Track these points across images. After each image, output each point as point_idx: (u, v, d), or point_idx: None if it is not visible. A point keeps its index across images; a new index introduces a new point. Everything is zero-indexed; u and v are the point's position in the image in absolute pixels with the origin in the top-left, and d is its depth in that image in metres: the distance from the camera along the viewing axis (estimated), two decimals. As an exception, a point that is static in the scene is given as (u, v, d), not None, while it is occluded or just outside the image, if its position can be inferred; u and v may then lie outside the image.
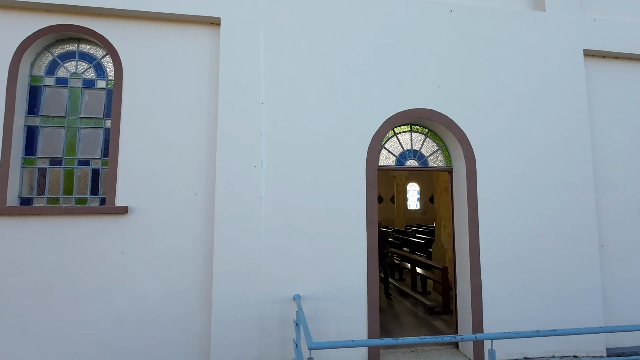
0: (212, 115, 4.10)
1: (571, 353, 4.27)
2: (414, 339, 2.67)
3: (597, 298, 4.38)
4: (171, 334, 3.78)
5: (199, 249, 3.93)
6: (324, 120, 4.15)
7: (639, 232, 4.77)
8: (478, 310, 4.16)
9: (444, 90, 4.43)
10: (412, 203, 17.48)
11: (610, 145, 4.84)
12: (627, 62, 5.08)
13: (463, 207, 4.41)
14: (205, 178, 4.03)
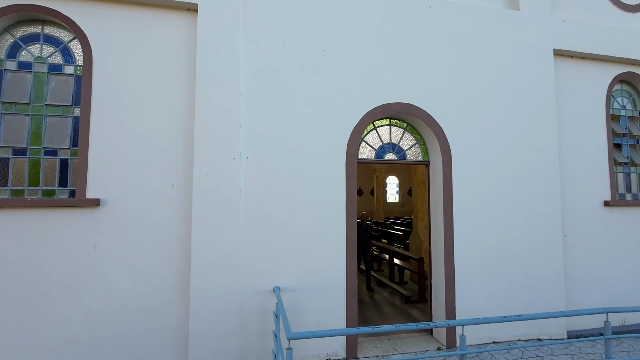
0: (190, 105, 3.99)
1: (535, 336, 4.56)
2: (390, 327, 2.76)
3: (559, 285, 4.68)
4: (148, 329, 3.71)
5: (176, 242, 3.85)
6: (304, 113, 4.14)
7: (599, 224, 5.12)
8: (451, 298, 4.34)
9: (422, 85, 4.51)
10: (392, 196, 17.80)
11: (575, 142, 5.13)
12: (592, 62, 5.36)
13: (439, 200, 4.55)
14: (183, 170, 3.94)
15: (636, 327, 5.04)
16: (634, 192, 5.60)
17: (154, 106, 3.92)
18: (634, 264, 5.22)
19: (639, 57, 5.38)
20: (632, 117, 5.73)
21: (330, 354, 3.97)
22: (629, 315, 5.04)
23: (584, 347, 4.45)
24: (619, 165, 5.56)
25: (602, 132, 5.28)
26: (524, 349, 4.27)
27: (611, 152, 5.28)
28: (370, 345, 4.31)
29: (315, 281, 4.00)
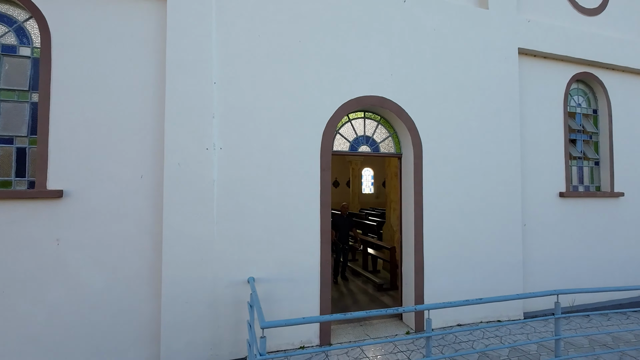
0: (160, 94, 3.85)
1: (495, 318, 4.89)
2: (361, 313, 2.87)
3: (518, 270, 5.03)
4: (116, 323, 3.62)
5: (146, 235, 3.76)
6: (279, 104, 4.11)
7: (554, 213, 5.52)
8: (420, 285, 4.55)
9: (395, 79, 4.61)
10: (367, 187, 18.12)
11: (535, 137, 5.46)
12: (552, 61, 5.68)
13: (410, 192, 4.72)
14: (153, 160, 3.82)
15: (584, 307, 5.53)
16: (586, 184, 6.08)
17: (121, 94, 3.75)
18: (583, 250, 5.69)
19: (594, 58, 5.77)
20: (586, 115, 6.17)
21: (304, 342, 4.06)
22: (577, 296, 5.52)
23: (537, 326, 4.84)
24: (573, 159, 5.99)
25: (560, 128, 5.65)
26: (485, 330, 4.58)
27: (567, 147, 5.68)
28: (343, 331, 4.45)
29: (290, 271, 4.05)
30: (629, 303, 5.81)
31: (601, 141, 6.13)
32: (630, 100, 6.25)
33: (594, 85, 6.10)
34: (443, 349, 4.06)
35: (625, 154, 6.13)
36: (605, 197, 5.89)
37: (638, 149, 6.26)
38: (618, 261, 5.96)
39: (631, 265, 6.07)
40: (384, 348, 4.03)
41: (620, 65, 5.98)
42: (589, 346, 4.26)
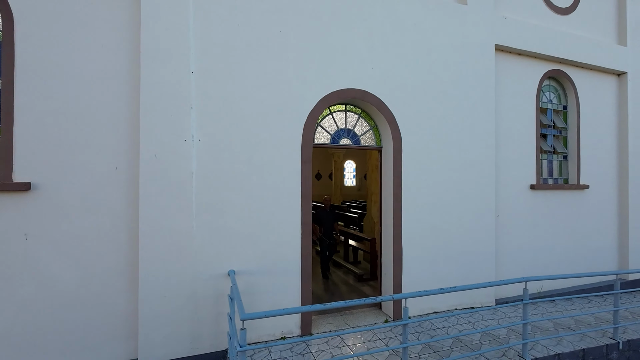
0: (134, 82, 3.71)
1: (469, 305, 5.12)
2: (340, 303, 2.93)
3: (491, 260, 5.26)
4: (92, 319, 3.53)
5: (122, 229, 3.66)
6: (259, 95, 4.06)
7: (525, 205, 5.78)
8: (398, 274, 4.68)
9: (376, 72, 4.64)
10: (349, 180, 18.27)
11: (509, 131, 5.67)
12: (527, 58, 5.88)
13: (389, 184, 4.80)
14: (128, 152, 3.70)
15: (550, 293, 5.87)
16: (555, 177, 6.39)
17: (93, 82, 3.59)
18: (551, 239, 6.01)
19: (565, 56, 6.02)
20: (557, 111, 6.45)
21: (285, 332, 4.11)
22: (545, 282, 5.85)
23: (508, 311, 5.10)
24: (544, 153, 6.27)
25: (532, 123, 5.89)
26: (459, 316, 4.79)
27: (538, 141, 5.93)
28: (324, 321, 4.53)
29: (271, 264, 4.06)
30: (591, 288, 6.22)
31: (570, 136, 6.44)
32: (596, 97, 6.58)
33: (564, 82, 6.37)
34: (419, 335, 4.21)
35: (591, 148, 6.47)
36: (572, 189, 6.22)
37: (602, 143, 6.63)
38: (583, 249, 6.34)
39: (595, 253, 6.47)
40: (363, 336, 4.14)
41: (588, 63, 6.26)
42: (553, 329, 4.54)
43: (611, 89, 6.76)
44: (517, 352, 3.79)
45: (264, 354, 3.72)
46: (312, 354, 3.73)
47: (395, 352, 3.77)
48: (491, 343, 4.03)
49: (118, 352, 3.62)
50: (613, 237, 6.70)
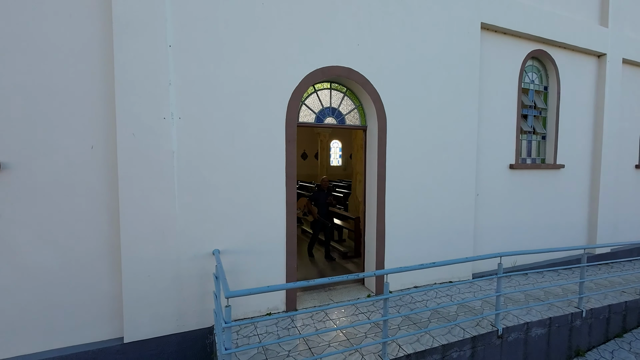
0: (108, 56, 3.51)
1: (448, 279, 5.36)
2: (324, 280, 3.01)
3: (469, 237, 5.47)
4: (74, 301, 3.50)
5: (101, 210, 3.57)
6: (241, 72, 3.93)
7: (503, 184, 5.97)
8: (381, 252, 4.82)
9: (361, 50, 4.55)
10: (335, 159, 18.29)
11: (491, 111, 5.75)
12: (511, 38, 5.88)
13: (374, 163, 4.84)
14: (104, 130, 3.55)
15: (524, 267, 6.20)
16: (533, 157, 6.59)
17: (62, 55, 3.37)
18: (527, 217, 6.28)
19: (549, 36, 6.05)
20: (538, 91, 6.56)
21: (271, 309, 4.21)
22: (519, 257, 6.16)
23: (483, 285, 5.38)
24: (524, 134, 6.43)
25: (514, 104, 5.98)
26: (438, 290, 5.02)
27: (519, 122, 6.05)
28: (309, 297, 4.66)
29: (256, 243, 4.09)
30: (561, 262, 6.61)
31: (549, 117, 6.59)
32: (576, 78, 6.71)
33: (546, 63, 6.44)
34: (400, 308, 4.41)
35: (568, 129, 6.67)
36: (548, 168, 6.45)
37: (578, 124, 6.83)
38: (556, 226, 6.66)
39: (567, 229, 6.83)
40: (347, 310, 4.30)
41: (571, 44, 6.33)
42: (524, 300, 4.83)
43: (591, 70, 6.90)
44: (490, 322, 4.03)
45: (250, 330, 3.82)
46: (297, 328, 3.86)
47: (377, 324, 3.94)
48: (467, 314, 4.27)
49: (104, 332, 3.64)
50: (584, 215, 7.06)
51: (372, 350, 3.40)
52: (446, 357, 3.57)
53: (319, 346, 3.47)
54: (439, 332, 3.78)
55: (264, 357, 3.27)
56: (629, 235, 7.79)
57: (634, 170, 7.80)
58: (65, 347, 3.50)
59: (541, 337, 4.21)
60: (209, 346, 3.93)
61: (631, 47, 7.18)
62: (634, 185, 7.81)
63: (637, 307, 5.20)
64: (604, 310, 4.79)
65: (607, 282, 5.88)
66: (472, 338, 3.73)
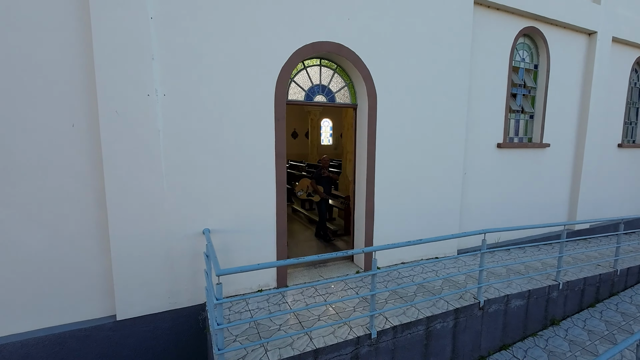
0: (86, 28, 3.32)
1: (434, 255, 5.53)
2: (313, 257, 3.07)
3: (456, 214, 5.61)
4: (64, 281, 3.50)
5: (87, 190, 3.50)
6: (228, 47, 3.79)
7: (491, 162, 6.07)
8: (370, 229, 4.91)
9: (352, 25, 4.41)
10: (326, 138, 18.18)
11: (481, 90, 5.74)
12: (504, 14, 5.79)
13: (364, 142, 4.83)
14: (85, 107, 3.42)
15: (507, 243, 6.43)
16: (520, 136, 6.68)
17: (36, 27, 3.17)
18: (513, 195, 6.45)
19: (542, 12, 5.97)
20: (528, 70, 6.55)
21: (262, 286, 4.30)
22: (503, 234, 6.38)
23: (468, 260, 5.58)
24: (512, 113, 6.47)
25: (504, 82, 5.97)
26: (424, 266, 5.19)
27: (508, 101, 6.08)
28: (299, 274, 4.76)
29: (247, 222, 4.11)
30: (542, 238, 6.87)
31: (537, 96, 6.63)
32: (566, 56, 6.70)
33: (537, 41, 6.40)
34: (387, 283, 4.56)
35: (555, 108, 6.74)
36: (535, 147, 6.56)
37: (565, 104, 6.90)
38: (540, 204, 6.88)
39: (550, 206, 7.06)
40: (336, 286, 4.42)
41: (562, 21, 6.27)
42: (506, 274, 5.05)
43: (581, 48, 6.89)
44: (472, 295, 4.22)
45: (242, 306, 3.91)
46: (287, 303, 3.97)
47: (365, 299, 4.08)
48: (451, 288, 4.45)
49: (96, 310, 3.67)
50: (566, 192, 7.29)
51: (360, 323, 3.54)
52: (430, 328, 3.75)
53: (309, 320, 3.59)
54: (424, 305, 3.94)
55: (255, 332, 3.37)
56: (608, 212, 8.11)
57: (617, 149, 8.02)
58: (58, 326, 3.53)
59: (520, 308, 4.45)
60: (202, 322, 4.02)
61: (622, 25, 7.17)
62: (615, 164, 8.05)
63: (610, 279, 5.51)
64: (579, 283, 5.06)
65: (584, 257, 6.17)
66: (455, 310, 3.91)
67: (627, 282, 5.86)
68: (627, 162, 8.31)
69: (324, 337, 3.28)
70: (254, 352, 3.06)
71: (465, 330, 4.01)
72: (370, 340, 3.38)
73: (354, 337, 3.30)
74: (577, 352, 4.19)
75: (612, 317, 5.00)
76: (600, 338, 4.48)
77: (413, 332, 3.64)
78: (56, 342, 3.46)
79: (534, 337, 4.57)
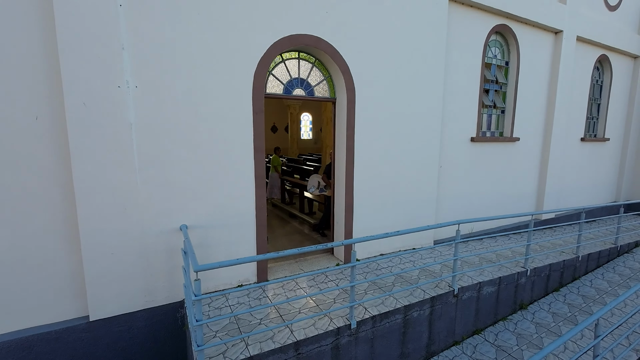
0: (48, 14, 3.12)
1: (411, 246, 5.69)
2: (293, 251, 3.08)
3: (432, 206, 5.78)
4: (30, 282, 3.33)
5: (52, 186, 3.33)
6: (203, 38, 3.68)
7: (465, 156, 6.28)
8: (349, 222, 4.97)
9: (331, 18, 4.40)
10: (305, 133, 18.13)
11: (455, 84, 5.90)
12: (477, 11, 5.96)
13: (343, 136, 4.86)
14: (49, 98, 3.24)
15: (480, 233, 6.71)
16: (492, 130, 6.94)
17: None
18: (485, 187, 6.72)
19: (512, 10, 6.19)
20: (500, 66, 6.80)
21: (242, 281, 4.27)
22: (476, 224, 6.65)
23: (443, 250, 5.78)
24: (485, 108, 6.71)
25: (477, 78, 6.17)
26: (402, 257, 5.33)
27: (481, 96, 6.29)
28: (280, 269, 4.77)
29: (224, 217, 4.05)
30: (512, 227, 7.22)
31: (508, 92, 6.90)
32: (534, 54, 7.01)
33: (508, 38, 6.64)
34: (367, 275, 4.65)
35: (524, 103, 7.05)
36: (505, 141, 6.85)
37: (534, 99, 7.23)
38: (510, 195, 7.21)
39: (520, 198, 7.41)
40: (316, 279, 4.47)
41: (531, 19, 6.54)
42: (478, 262, 5.28)
43: (547, 47, 7.22)
44: (447, 283, 4.39)
45: (221, 301, 3.88)
46: (268, 297, 3.97)
47: (345, 290, 4.15)
48: (427, 277, 4.60)
49: (67, 311, 3.52)
50: (534, 184, 7.68)
51: (340, 314, 3.60)
52: (407, 316, 3.87)
53: (290, 313, 3.61)
54: (401, 295, 4.06)
55: (236, 327, 3.36)
56: (571, 202, 8.63)
57: (579, 142, 8.51)
58: (25, 329, 3.36)
59: (491, 294, 4.68)
60: (180, 319, 3.95)
61: (585, 25, 7.57)
62: (578, 157, 8.56)
63: (572, 264, 5.88)
64: (545, 269, 5.37)
65: (550, 244, 6.55)
66: (431, 298, 4.05)
67: (587, 267, 6.28)
68: (588, 155, 8.85)
69: (305, 329, 3.32)
70: (235, 347, 3.04)
71: (441, 318, 4.17)
72: (350, 330, 3.45)
73: (334, 328, 3.35)
74: (543, 334, 4.46)
75: (574, 300, 5.35)
76: (563, 320, 4.80)
77: (391, 321, 3.74)
78: (23, 346, 3.30)
79: (504, 321, 4.82)
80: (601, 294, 5.51)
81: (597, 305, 5.17)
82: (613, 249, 6.84)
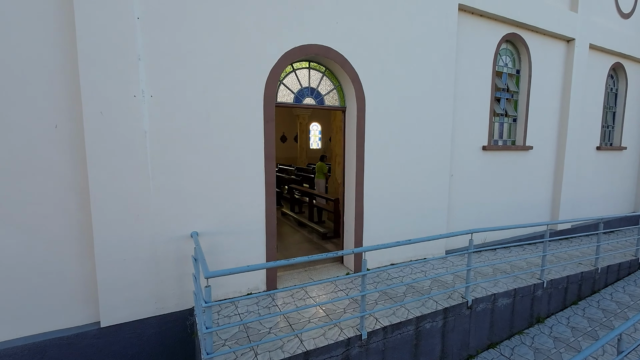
0: (69, 27, 3.26)
1: (423, 256, 5.59)
2: (303, 259, 3.06)
3: (443, 215, 5.69)
4: (44, 286, 3.38)
5: (69, 192, 3.41)
6: (216, 48, 3.77)
7: (476, 164, 6.20)
8: (359, 231, 4.93)
9: (340, 28, 4.47)
10: (314, 142, 18.23)
11: (466, 93, 5.88)
12: (487, 20, 5.96)
13: (352, 145, 4.87)
14: (68, 108, 3.35)
15: (493, 243, 6.56)
16: (504, 138, 6.85)
17: (14, 24, 3.09)
18: (497, 196, 6.60)
19: (523, 19, 6.18)
20: (510, 75, 6.75)
21: (251, 289, 4.25)
22: (489, 234, 6.50)
23: (455, 260, 5.67)
24: (496, 116, 6.64)
25: (487, 86, 6.14)
26: (413, 267, 5.24)
27: (492, 105, 6.24)
28: (289, 277, 4.73)
29: (235, 224, 4.07)
30: (526, 238, 7.04)
31: (520, 100, 6.83)
32: (546, 62, 6.94)
33: (519, 47, 6.61)
34: (377, 285, 4.58)
35: (537, 111, 6.96)
36: (518, 150, 6.74)
37: (547, 107, 7.14)
38: (523, 204, 7.05)
39: (533, 207, 7.24)
40: (326, 288, 4.42)
41: (543, 28, 6.50)
42: (492, 273, 5.15)
43: (560, 55, 7.15)
44: (460, 294, 4.28)
45: (231, 309, 3.86)
46: (277, 306, 3.93)
47: (355, 300, 4.09)
48: (439, 288, 4.50)
49: (79, 316, 3.56)
50: (548, 193, 7.51)
51: (351, 324, 3.53)
52: (420, 328, 3.78)
53: (299, 322, 3.57)
54: (413, 305, 3.97)
55: (245, 335, 3.33)
56: (588, 212, 8.39)
57: (595, 151, 8.32)
58: (38, 334, 3.40)
59: (506, 307, 4.53)
60: (190, 327, 3.94)
61: (598, 33, 7.49)
62: (593, 166, 8.35)
63: (591, 277, 5.68)
64: (562, 281, 5.20)
65: (567, 255, 6.35)
66: (444, 309, 3.95)
67: (607, 279, 6.06)
68: (605, 164, 8.63)
69: (315, 339, 3.27)
70: (244, 356, 3.01)
71: (454, 330, 4.06)
72: (360, 341, 3.38)
73: (345, 338, 3.29)
74: (562, 349, 4.29)
75: (594, 313, 5.14)
76: (583, 334, 4.60)
77: (403, 332, 3.66)
78: (36, 351, 3.33)
79: (520, 335, 4.65)
80: (623, 308, 5.28)
81: (619, 320, 4.95)
82: (634, 261, 6.59)
